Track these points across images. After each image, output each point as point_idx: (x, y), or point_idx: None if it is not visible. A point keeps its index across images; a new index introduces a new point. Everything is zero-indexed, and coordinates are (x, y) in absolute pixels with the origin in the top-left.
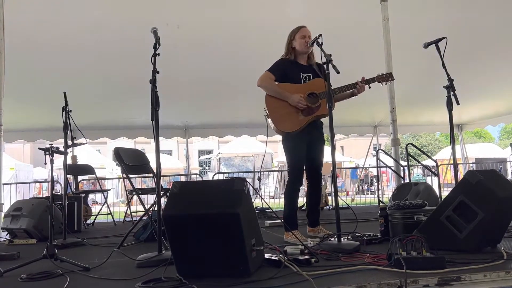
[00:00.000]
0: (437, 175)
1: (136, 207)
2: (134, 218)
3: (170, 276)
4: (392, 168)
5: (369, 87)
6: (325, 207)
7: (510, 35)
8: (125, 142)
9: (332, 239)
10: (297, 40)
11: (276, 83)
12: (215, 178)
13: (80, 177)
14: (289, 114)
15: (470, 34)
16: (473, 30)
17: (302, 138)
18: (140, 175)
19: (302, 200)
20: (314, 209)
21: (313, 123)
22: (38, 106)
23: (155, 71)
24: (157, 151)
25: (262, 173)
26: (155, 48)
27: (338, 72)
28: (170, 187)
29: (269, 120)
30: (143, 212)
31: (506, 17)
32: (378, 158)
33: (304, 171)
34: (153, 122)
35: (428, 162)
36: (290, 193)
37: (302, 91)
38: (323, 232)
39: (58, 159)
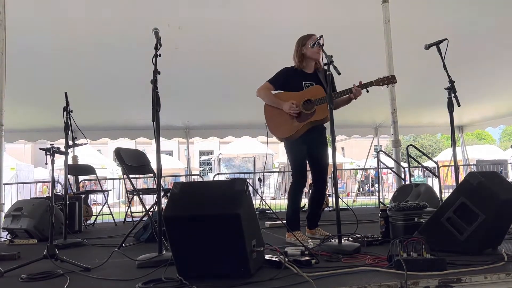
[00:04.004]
0: (438, 176)
1: (137, 208)
2: (135, 219)
3: (170, 276)
4: (393, 169)
5: (367, 91)
6: (325, 208)
7: (511, 37)
8: (125, 143)
9: (333, 240)
10: (308, 47)
11: (275, 91)
12: (216, 178)
13: (80, 177)
14: (285, 121)
15: (471, 36)
16: (474, 32)
17: (302, 141)
18: (140, 176)
19: (303, 202)
20: (315, 212)
21: (314, 128)
22: (39, 106)
23: (156, 72)
24: (158, 151)
25: (262, 174)
26: (156, 48)
27: (339, 73)
28: (171, 187)
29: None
30: (143, 213)
31: (507, 19)
32: (379, 160)
33: (310, 174)
34: (154, 122)
35: (429, 164)
36: (294, 193)
37: (298, 99)
38: (321, 234)
39: (59, 159)
